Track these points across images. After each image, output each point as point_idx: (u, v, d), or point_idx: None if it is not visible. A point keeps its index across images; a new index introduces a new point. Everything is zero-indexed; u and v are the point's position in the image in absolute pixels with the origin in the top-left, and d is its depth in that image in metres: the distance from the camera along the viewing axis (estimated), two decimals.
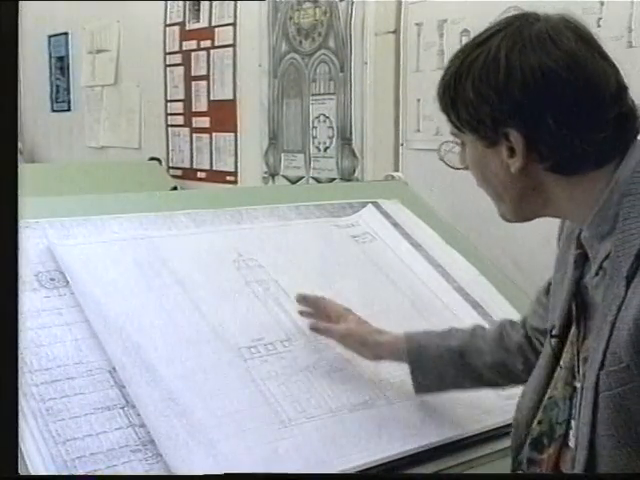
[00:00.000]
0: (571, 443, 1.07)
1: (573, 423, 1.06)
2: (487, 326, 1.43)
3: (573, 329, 1.09)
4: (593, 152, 0.99)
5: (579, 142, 0.98)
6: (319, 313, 1.47)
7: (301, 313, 1.49)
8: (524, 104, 0.98)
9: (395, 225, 1.85)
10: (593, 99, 0.98)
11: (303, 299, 1.49)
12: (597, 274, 1.03)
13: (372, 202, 1.89)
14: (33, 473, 1.09)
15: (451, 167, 1.14)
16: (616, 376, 0.95)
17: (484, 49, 1.00)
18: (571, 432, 1.07)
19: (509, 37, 0.99)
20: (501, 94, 0.98)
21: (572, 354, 1.09)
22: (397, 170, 2.57)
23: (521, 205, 1.07)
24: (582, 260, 1.08)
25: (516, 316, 1.65)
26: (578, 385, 1.06)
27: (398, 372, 1.40)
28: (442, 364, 1.32)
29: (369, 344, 1.41)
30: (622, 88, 1.01)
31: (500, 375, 1.32)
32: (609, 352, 0.96)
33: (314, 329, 1.46)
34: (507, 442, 1.24)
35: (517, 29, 1.00)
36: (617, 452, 0.96)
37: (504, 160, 1.02)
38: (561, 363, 1.11)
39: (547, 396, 1.12)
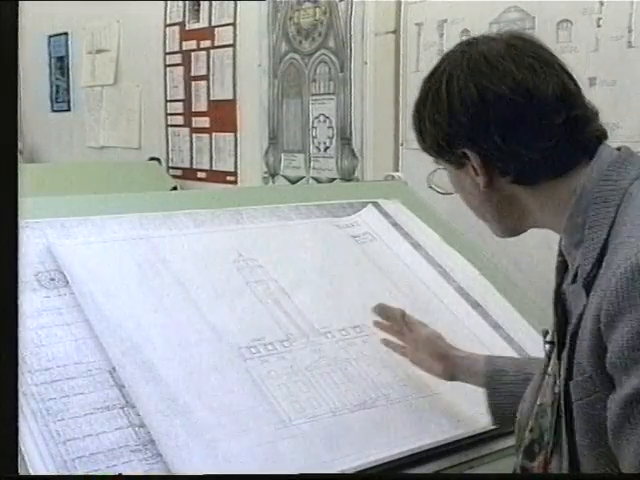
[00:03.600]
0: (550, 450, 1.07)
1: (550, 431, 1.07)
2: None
3: (555, 336, 1.10)
4: (546, 160, 1.02)
5: (529, 152, 1.01)
6: (394, 323, 1.46)
7: (376, 324, 1.47)
8: (469, 126, 1.03)
9: (395, 225, 1.84)
10: (532, 110, 1.01)
11: (381, 310, 1.47)
12: (573, 282, 1.04)
13: (372, 202, 1.89)
14: (33, 473, 1.09)
15: (441, 194, 1.21)
16: (582, 386, 0.97)
17: (433, 81, 1.08)
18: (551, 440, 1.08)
19: (450, 65, 1.06)
20: (450, 120, 1.05)
21: (555, 360, 1.10)
22: (397, 170, 2.58)
23: (503, 220, 1.11)
24: (563, 267, 1.10)
25: (516, 316, 1.66)
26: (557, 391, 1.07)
27: (398, 372, 1.40)
28: (519, 391, 1.26)
29: (448, 359, 1.38)
30: (569, 93, 1.03)
31: None
32: (575, 363, 0.98)
33: (386, 335, 1.45)
34: (507, 442, 1.24)
35: (458, 55, 1.06)
36: (595, 459, 0.97)
37: (473, 179, 1.07)
38: (549, 370, 1.12)
39: (538, 403, 1.12)
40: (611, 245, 0.96)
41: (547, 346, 1.13)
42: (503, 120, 1.01)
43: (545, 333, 1.14)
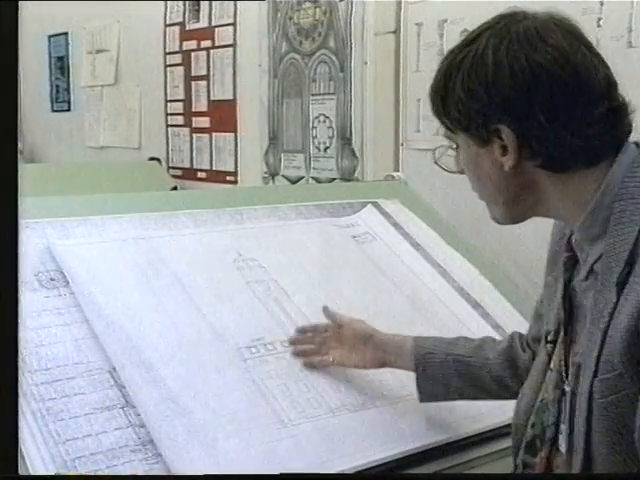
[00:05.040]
0: (561, 448, 1.07)
1: (562, 427, 1.06)
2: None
3: (562, 332, 1.09)
4: (584, 148, 0.99)
5: (569, 137, 0.98)
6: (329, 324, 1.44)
7: (294, 341, 1.43)
8: (513, 100, 0.98)
9: (395, 225, 1.84)
10: (582, 94, 0.98)
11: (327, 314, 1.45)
12: (587, 278, 1.03)
13: (372, 202, 1.89)
14: (33, 473, 1.09)
15: (446, 171, 1.14)
16: (609, 383, 0.95)
17: (472, 48, 1.01)
18: (560, 436, 1.07)
19: (496, 35, 1.00)
20: (490, 91, 0.99)
21: (560, 357, 1.09)
22: (397, 170, 2.58)
23: (514, 205, 1.06)
24: (571, 263, 1.08)
25: (516, 316, 1.66)
26: (567, 388, 1.06)
27: (398, 372, 1.40)
28: (448, 372, 1.30)
29: (374, 339, 1.37)
30: (612, 84, 1.01)
31: (503, 388, 1.29)
32: (602, 359, 0.96)
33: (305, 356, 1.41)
34: (507, 442, 1.24)
35: (504, 26, 1.00)
36: (612, 458, 0.96)
37: (497, 158, 1.02)
38: (551, 366, 1.11)
39: (539, 399, 1.12)
40: None
41: (549, 346, 1.12)
42: (551, 100, 0.97)
43: (547, 332, 1.14)
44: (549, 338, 1.12)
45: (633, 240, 0.96)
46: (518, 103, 0.98)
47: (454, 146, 1.10)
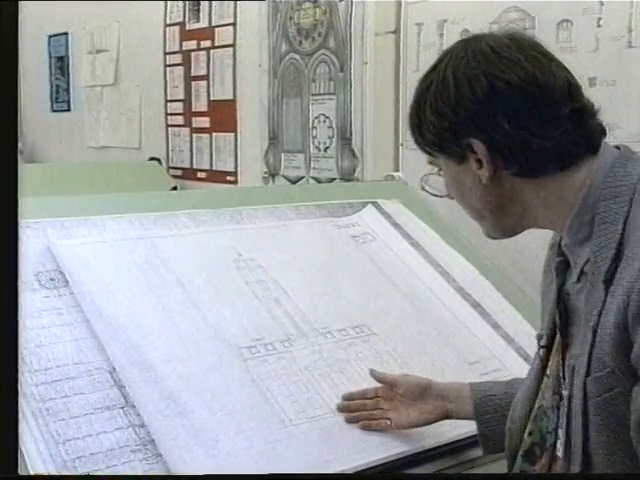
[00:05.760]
0: (559, 453, 1.07)
1: (560, 432, 1.06)
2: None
3: (557, 337, 1.10)
4: (554, 151, 1.02)
5: (538, 141, 1.01)
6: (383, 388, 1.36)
7: (343, 409, 1.35)
8: (477, 112, 1.02)
9: (395, 225, 1.84)
10: (542, 97, 1.01)
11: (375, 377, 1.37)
12: (579, 280, 1.04)
13: (372, 202, 1.89)
14: (33, 473, 1.09)
15: (434, 196, 1.19)
16: (602, 381, 0.96)
17: (435, 73, 1.07)
18: (558, 442, 1.07)
19: (455, 57, 1.05)
20: (455, 108, 1.03)
21: (557, 362, 1.09)
22: (397, 170, 2.58)
23: (501, 218, 1.09)
24: (563, 267, 1.09)
25: (516, 316, 1.66)
26: (565, 393, 1.06)
27: (398, 372, 1.40)
28: (508, 412, 1.22)
29: (432, 389, 1.31)
30: (573, 86, 1.04)
31: None
32: (594, 358, 0.97)
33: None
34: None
35: (462, 49, 1.05)
36: (610, 457, 0.97)
37: (475, 172, 1.05)
38: (547, 372, 1.11)
39: (537, 406, 1.12)
40: (631, 239, 0.96)
41: (542, 351, 1.13)
42: (512, 108, 1.00)
43: (539, 337, 1.14)
44: (542, 343, 1.13)
45: (618, 238, 0.98)
46: (482, 115, 1.02)
47: (436, 170, 1.14)
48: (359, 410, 1.34)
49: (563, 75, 1.03)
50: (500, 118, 1.01)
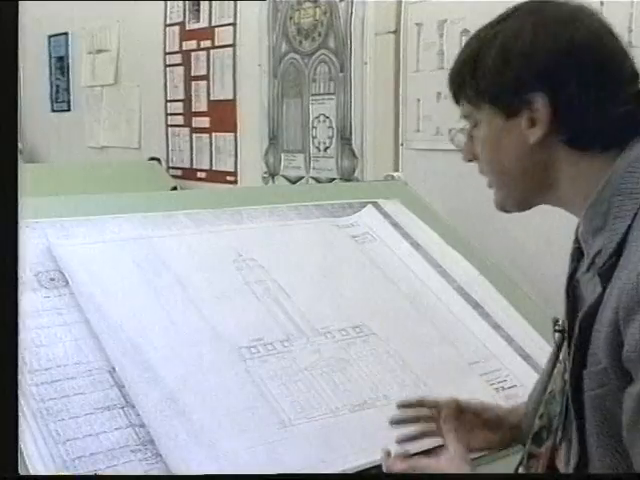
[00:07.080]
0: (557, 438, 1.07)
1: (560, 417, 1.07)
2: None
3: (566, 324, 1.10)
4: (611, 125, 1.00)
5: (600, 113, 0.99)
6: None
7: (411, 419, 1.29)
8: (551, 68, 0.99)
9: (395, 225, 1.85)
10: (616, 73, 1.00)
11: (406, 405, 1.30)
12: (588, 270, 1.03)
13: (372, 202, 1.89)
14: (33, 473, 1.09)
15: (460, 150, 1.13)
16: (595, 377, 0.96)
17: (506, 25, 1.03)
18: (560, 425, 1.07)
19: (532, 14, 1.02)
20: (528, 58, 1.00)
21: (566, 347, 1.09)
22: (397, 170, 2.57)
23: (526, 185, 1.06)
24: (577, 255, 1.08)
25: (516, 316, 1.66)
26: (566, 378, 1.06)
27: (398, 372, 1.40)
28: None
29: (497, 414, 1.28)
30: (634, 73, 1.04)
31: None
32: (589, 352, 0.97)
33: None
34: None
35: (537, 9, 1.03)
36: (602, 451, 0.97)
37: (522, 131, 1.02)
38: (560, 357, 1.11)
39: (549, 390, 1.12)
40: (633, 236, 0.96)
41: (557, 335, 1.12)
42: (587, 70, 0.99)
43: (555, 321, 1.13)
44: (557, 327, 1.12)
45: (622, 234, 0.97)
46: (556, 72, 0.99)
47: (469, 126, 1.09)
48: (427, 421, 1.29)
49: (629, 59, 1.03)
50: (572, 78, 0.99)
